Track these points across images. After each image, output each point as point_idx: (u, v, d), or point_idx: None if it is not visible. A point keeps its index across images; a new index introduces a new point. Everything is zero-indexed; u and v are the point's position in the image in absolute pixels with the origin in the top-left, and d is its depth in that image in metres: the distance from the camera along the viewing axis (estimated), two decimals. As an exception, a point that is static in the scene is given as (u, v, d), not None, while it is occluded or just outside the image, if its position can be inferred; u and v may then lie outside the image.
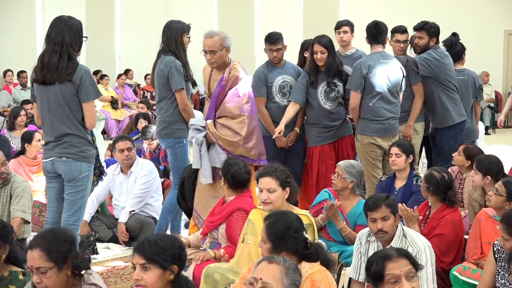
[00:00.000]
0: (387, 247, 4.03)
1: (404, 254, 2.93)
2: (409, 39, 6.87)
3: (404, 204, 4.80)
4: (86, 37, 4.82)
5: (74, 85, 4.64)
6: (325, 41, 6.34)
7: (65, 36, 4.65)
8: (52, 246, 3.17)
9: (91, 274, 3.31)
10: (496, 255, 3.93)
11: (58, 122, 4.71)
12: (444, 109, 6.59)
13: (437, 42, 6.63)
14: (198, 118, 5.70)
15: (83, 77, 4.64)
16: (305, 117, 6.60)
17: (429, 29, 6.57)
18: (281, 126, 6.11)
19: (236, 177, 4.85)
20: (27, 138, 7.19)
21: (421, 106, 6.74)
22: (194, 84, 6.10)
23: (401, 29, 6.81)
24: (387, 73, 6.22)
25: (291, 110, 6.31)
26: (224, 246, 4.78)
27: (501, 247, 3.89)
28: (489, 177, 5.05)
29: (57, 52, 4.63)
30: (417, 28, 6.65)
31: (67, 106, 4.67)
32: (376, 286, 2.89)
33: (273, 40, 6.45)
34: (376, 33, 6.36)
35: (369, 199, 4.30)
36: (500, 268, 3.90)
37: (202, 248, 4.92)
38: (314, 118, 6.47)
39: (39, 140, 7.05)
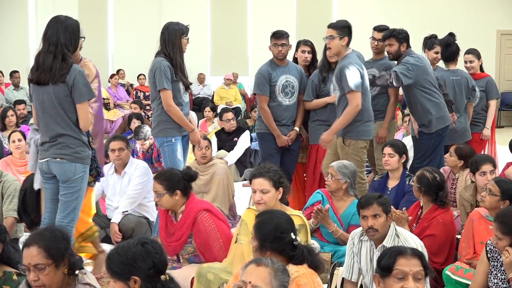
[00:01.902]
0: (380, 245, 4.05)
1: (418, 255, 2.96)
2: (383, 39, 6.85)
3: (392, 206, 4.80)
4: (84, 38, 4.79)
5: (68, 86, 4.61)
6: None
7: (60, 36, 4.62)
8: (51, 243, 3.18)
9: (85, 274, 3.31)
10: (489, 255, 3.94)
11: (53, 123, 4.69)
12: (427, 114, 6.47)
13: (408, 46, 6.54)
14: None
15: (76, 78, 4.61)
16: (311, 113, 6.63)
17: (397, 35, 6.51)
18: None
19: (193, 177, 4.83)
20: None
21: (395, 108, 6.77)
22: (187, 87, 6.08)
23: (378, 28, 6.83)
24: (366, 73, 6.20)
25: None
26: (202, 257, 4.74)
27: (494, 247, 3.90)
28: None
29: (51, 53, 4.60)
30: (386, 37, 6.62)
31: (61, 107, 4.65)
32: (383, 278, 2.94)
33: (279, 35, 6.49)
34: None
35: (362, 197, 4.31)
36: (493, 267, 3.92)
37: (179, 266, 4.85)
38: (324, 116, 6.51)
39: (14, 141, 7.23)
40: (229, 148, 9.26)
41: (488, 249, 3.96)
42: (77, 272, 3.28)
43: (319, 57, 6.78)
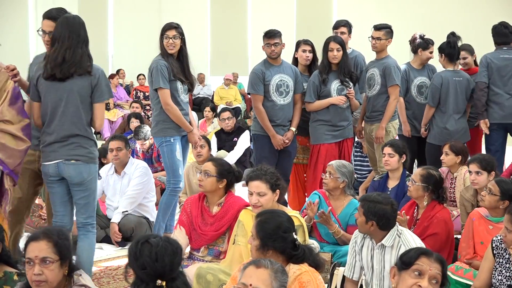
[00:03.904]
0: (379, 243, 4.02)
1: (441, 261, 2.97)
2: (381, 36, 6.82)
3: None
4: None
5: (92, 83, 4.57)
6: (340, 40, 6.52)
7: (81, 32, 4.57)
8: (60, 240, 3.18)
9: (80, 275, 3.29)
10: (494, 251, 3.93)
11: (68, 122, 4.57)
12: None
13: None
14: None
15: (100, 77, 4.60)
16: (312, 114, 6.63)
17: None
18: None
19: (238, 179, 4.88)
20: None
21: (395, 108, 6.76)
22: (191, 87, 6.06)
23: (376, 26, 6.84)
24: None
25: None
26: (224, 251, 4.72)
27: (500, 243, 3.90)
28: (493, 172, 5.11)
29: (78, 47, 4.53)
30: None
31: (81, 106, 4.57)
32: (400, 271, 2.97)
33: (271, 34, 6.47)
34: None
35: (378, 193, 4.33)
36: (498, 264, 3.91)
37: (201, 256, 4.82)
38: (325, 116, 6.51)
39: None
40: (229, 148, 9.25)
41: (494, 245, 3.95)
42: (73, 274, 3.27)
43: (319, 56, 6.77)
